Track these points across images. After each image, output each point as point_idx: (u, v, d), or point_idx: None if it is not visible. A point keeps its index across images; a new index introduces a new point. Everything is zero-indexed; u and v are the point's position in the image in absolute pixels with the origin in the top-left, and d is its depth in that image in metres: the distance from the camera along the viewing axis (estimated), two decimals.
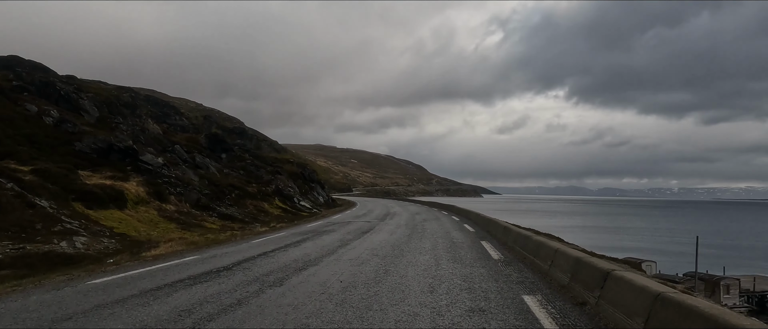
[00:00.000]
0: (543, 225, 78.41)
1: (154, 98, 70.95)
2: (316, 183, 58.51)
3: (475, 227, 17.18)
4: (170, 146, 34.86)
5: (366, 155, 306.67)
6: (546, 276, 7.09)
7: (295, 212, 37.12)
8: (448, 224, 18.59)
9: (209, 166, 35.33)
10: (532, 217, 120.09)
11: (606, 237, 77.22)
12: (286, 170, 53.55)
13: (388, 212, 30.28)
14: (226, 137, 72.06)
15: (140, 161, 26.19)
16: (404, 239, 13.03)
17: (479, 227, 16.82)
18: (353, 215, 28.79)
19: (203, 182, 30.72)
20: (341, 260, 8.95)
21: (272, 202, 37.01)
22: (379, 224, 19.07)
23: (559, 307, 5.32)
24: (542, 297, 5.85)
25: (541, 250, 7.80)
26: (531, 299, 5.75)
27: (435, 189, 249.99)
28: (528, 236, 9.27)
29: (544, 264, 7.31)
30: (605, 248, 69.00)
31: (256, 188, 36.61)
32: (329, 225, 19.29)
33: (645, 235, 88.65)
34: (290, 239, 13.53)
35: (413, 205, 46.37)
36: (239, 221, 26.95)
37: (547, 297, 5.89)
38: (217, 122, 77.09)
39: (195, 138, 40.57)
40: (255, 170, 41.54)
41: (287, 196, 39.81)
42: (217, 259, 9.48)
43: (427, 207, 39.83)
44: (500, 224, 13.21)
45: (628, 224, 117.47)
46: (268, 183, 38.79)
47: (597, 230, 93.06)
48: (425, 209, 36.28)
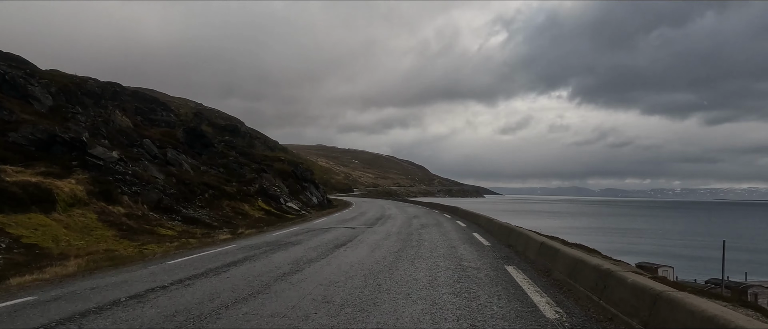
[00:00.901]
0: (548, 227, 73.97)
1: (141, 94, 67.16)
2: (309, 183, 54.40)
3: (488, 237, 12.88)
4: (139, 140, 30.80)
5: (367, 156, 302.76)
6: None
7: (279, 214, 33.01)
8: (452, 233, 14.38)
9: (182, 163, 31.26)
10: (536, 218, 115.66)
11: (615, 240, 72.81)
12: (276, 169, 49.50)
13: (382, 215, 26.13)
14: (217, 134, 68.18)
15: (89, 156, 22.10)
16: (390, 258, 8.85)
17: (495, 238, 12.62)
18: (340, 218, 24.67)
19: (170, 180, 26.63)
20: (253, 317, 4.78)
21: (254, 203, 32.90)
22: (364, 233, 14.92)
23: None
24: None
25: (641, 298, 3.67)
26: None
27: (437, 190, 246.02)
28: (597, 265, 5.09)
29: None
30: (616, 251, 64.62)
31: (236, 188, 32.51)
32: (301, 234, 15.14)
33: (653, 237, 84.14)
34: (227, 258, 9.41)
35: (412, 206, 42.19)
36: (205, 225, 22.84)
37: None
38: (208, 119, 73.16)
39: (172, 133, 36.57)
40: (238, 168, 37.47)
41: (272, 196, 35.70)
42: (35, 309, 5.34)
43: (428, 209, 35.61)
44: (530, 236, 8.99)
45: (635, 226, 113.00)
46: (251, 182, 34.71)
47: (604, 233, 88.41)
48: (425, 211, 32.06)
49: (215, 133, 67.70)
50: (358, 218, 24.66)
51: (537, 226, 64.53)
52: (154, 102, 65.88)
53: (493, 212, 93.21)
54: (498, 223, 14.00)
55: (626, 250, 62.85)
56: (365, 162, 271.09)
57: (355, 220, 22.53)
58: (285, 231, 16.57)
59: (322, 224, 19.74)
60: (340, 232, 15.38)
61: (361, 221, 21.65)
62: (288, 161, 53.67)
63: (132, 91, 66.77)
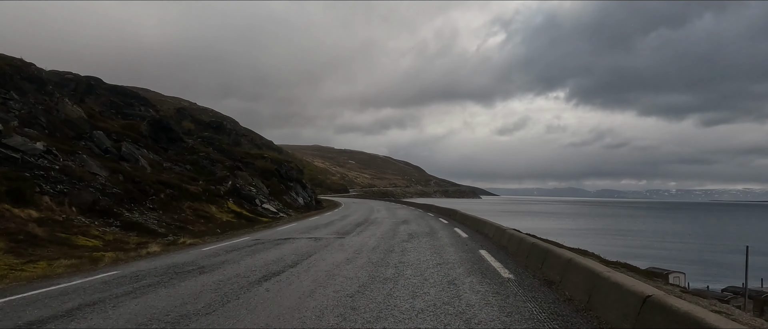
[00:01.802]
0: (547, 228, 69.91)
1: (122, 89, 62.80)
2: (295, 182, 50.13)
3: (506, 261, 8.27)
4: (89, 131, 26.50)
5: (364, 156, 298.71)
6: None
7: (251, 217, 28.75)
8: (449, 251, 10.08)
9: (139, 158, 26.95)
10: (533, 219, 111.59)
11: (617, 243, 68.63)
12: (258, 167, 45.24)
13: (366, 220, 21.93)
14: (202, 131, 63.70)
15: (1, 146, 17.81)
16: (333, 314, 4.59)
17: (517, 262, 7.97)
18: (315, 224, 20.43)
19: (115, 178, 22.33)
20: None
21: (223, 204, 28.63)
22: (327, 248, 10.73)
23: None
24: None
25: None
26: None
27: (433, 190, 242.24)
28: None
29: None
30: (622, 255, 60.47)
31: (203, 187, 28.22)
32: (243, 249, 10.93)
33: (654, 239, 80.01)
34: (62, 303, 5.16)
35: (404, 208, 37.94)
36: (149, 232, 18.55)
37: None
38: (192, 115, 68.80)
39: (135, 125, 32.29)
40: (210, 165, 33.18)
41: (247, 197, 31.43)
42: None
43: (421, 212, 31.34)
44: (595, 271, 4.67)
45: (636, 227, 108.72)
46: (222, 181, 30.44)
47: (605, 235, 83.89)
48: (417, 214, 27.79)
49: (199, 130, 63.37)
50: (336, 223, 20.44)
51: (536, 228, 60.00)
52: (134, 97, 61.61)
53: (494, 215, 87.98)
54: (517, 236, 9.71)
55: (632, 254, 58.72)
56: (362, 163, 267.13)
57: (331, 226, 18.31)
58: (225, 244, 12.29)
59: (285, 233, 15.50)
60: (297, 246, 11.14)
61: (338, 227, 17.44)
62: (272, 158, 49.41)
63: (111, 86, 62.44)
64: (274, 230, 17.31)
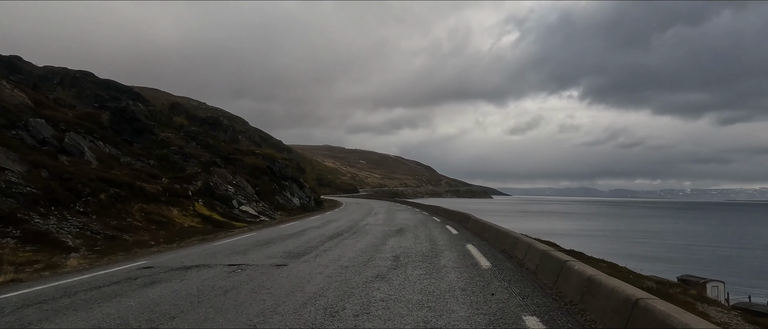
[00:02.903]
0: (564, 230, 63.65)
1: (113, 84, 58.73)
2: (290, 181, 45.24)
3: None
4: (23, 120, 21.86)
5: (374, 156, 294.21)
6: None
7: (223, 221, 23.85)
8: (459, 312, 4.81)
9: (84, 151, 22.20)
10: (549, 220, 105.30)
11: (640, 246, 62.29)
12: (248, 164, 40.45)
13: (351, 227, 16.82)
14: (196, 126, 59.34)
15: None
16: None
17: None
18: (283, 232, 15.38)
19: (37, 173, 17.55)
20: None
21: (189, 207, 23.77)
22: (234, 291, 5.65)
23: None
24: None
25: None
26: None
27: (444, 190, 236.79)
28: None
29: None
30: (646, 258, 54.64)
31: (164, 186, 23.38)
32: (121, 277, 5.80)
33: (676, 241, 73.33)
34: None
35: (407, 211, 32.69)
36: (55, 246, 13.67)
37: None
38: (186, 110, 64.44)
39: (95, 115, 27.66)
40: (181, 160, 28.39)
41: (222, 197, 26.54)
42: None
43: (426, 216, 26.03)
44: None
45: (654, 228, 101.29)
46: (192, 179, 25.60)
47: (625, 237, 76.98)
48: (420, 219, 22.45)
49: (193, 125, 58.96)
50: (309, 231, 15.36)
51: (552, 229, 53.86)
52: (125, 92, 57.47)
53: (510, 217, 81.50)
54: (585, 273, 4.43)
55: (657, 258, 52.67)
56: (372, 163, 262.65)
57: (296, 238, 13.22)
58: (65, 282, 7.23)
59: (220, 250, 10.48)
60: (174, 290, 6.06)
61: (302, 241, 12.35)
62: (265, 155, 44.56)
63: (102, 80, 58.46)
64: (212, 244, 12.25)
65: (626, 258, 53.33)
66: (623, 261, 13.84)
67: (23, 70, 53.83)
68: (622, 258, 48.85)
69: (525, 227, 75.14)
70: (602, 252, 44.75)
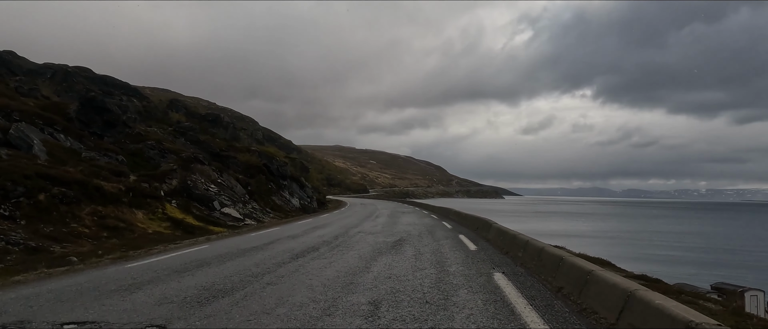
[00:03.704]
0: (579, 231, 59.19)
1: (110, 80, 55.89)
2: (289, 180, 41.69)
3: None
4: None
5: (385, 156, 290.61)
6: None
7: (199, 225, 20.26)
8: None
9: (33, 144, 18.79)
10: (563, 221, 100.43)
11: (663, 249, 57.42)
12: (241, 162, 36.99)
13: (338, 236, 13.06)
14: (196, 123, 56.27)
15: None
16: None
17: None
18: (245, 244, 11.66)
19: None
20: None
21: (158, 209, 20.22)
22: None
23: None
24: None
25: None
26: None
27: (455, 190, 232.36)
28: None
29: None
30: (667, 261, 49.67)
31: (129, 185, 19.87)
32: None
33: (696, 242, 67.98)
34: None
35: (414, 214, 28.76)
36: None
37: None
38: (186, 107, 61.32)
39: (61, 105, 24.35)
40: (158, 155, 24.94)
41: (201, 198, 22.98)
42: None
43: (435, 220, 22.05)
44: None
45: (672, 229, 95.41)
46: (165, 177, 22.10)
47: (643, 239, 71.53)
48: (427, 225, 18.47)
49: (193, 122, 55.80)
50: (285, 241, 11.64)
51: (570, 230, 49.11)
52: (121, 88, 54.59)
53: (523, 217, 76.20)
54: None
55: (683, 261, 48.05)
56: (383, 163, 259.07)
57: (264, 250, 9.56)
58: None
59: (119, 276, 6.80)
60: None
61: (265, 256, 8.71)
62: (262, 152, 41.03)
63: (99, 76, 55.73)
64: (123, 266, 8.54)
65: (651, 262, 48.65)
66: (649, 267, 10.61)
67: (13, 64, 51.14)
68: (647, 263, 44.27)
69: (541, 229, 70.86)
70: (627, 257, 39.23)
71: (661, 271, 41.30)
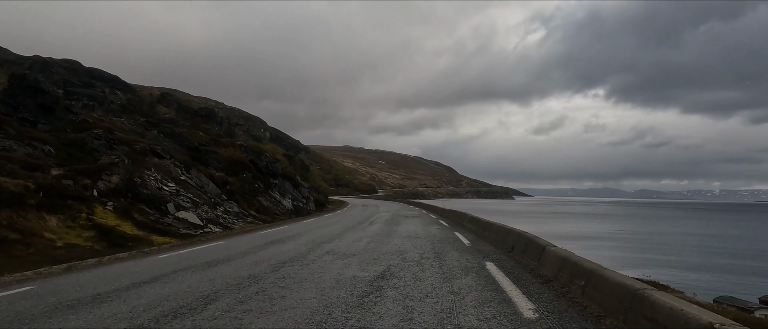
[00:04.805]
0: (596, 232, 53.34)
1: (99, 73, 51.69)
2: (280, 179, 36.76)
3: None
4: None
5: (394, 157, 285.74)
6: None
7: (136, 236, 15.29)
8: None
9: None
10: (578, 222, 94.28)
11: (690, 254, 51.28)
12: (223, 157, 32.16)
13: (293, 260, 7.95)
14: (188, 119, 51.86)
15: None
16: None
17: None
18: (163, 264, 6.56)
19: None
20: None
21: (83, 213, 15.30)
22: None
23: None
24: None
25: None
26: None
27: (465, 191, 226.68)
28: None
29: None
30: (699, 268, 44.22)
31: (41, 183, 15.01)
32: None
33: (724, 244, 61.49)
34: None
35: (419, 218, 23.48)
36: None
37: None
38: (178, 101, 56.83)
39: None
40: (105, 147, 20.13)
41: (152, 199, 18.08)
42: None
43: (446, 229, 16.75)
44: None
45: (694, 231, 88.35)
46: (102, 172, 17.26)
47: (666, 242, 64.75)
48: (435, 237, 13.10)
49: (186, 117, 51.33)
50: (189, 273, 6.56)
51: (587, 232, 42.76)
52: (106, 80, 50.40)
53: (538, 218, 69.18)
54: None
55: (713, 267, 42.16)
56: (392, 163, 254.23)
57: (114, 301, 4.49)
58: None
59: None
60: None
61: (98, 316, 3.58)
62: (249, 148, 36.13)
63: (87, 69, 51.57)
64: None
65: (683, 269, 42.39)
66: (682, 275, 6.14)
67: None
68: (678, 270, 37.97)
69: (557, 231, 64.65)
70: (660, 264, 31.55)
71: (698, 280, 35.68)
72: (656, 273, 27.27)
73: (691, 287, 26.26)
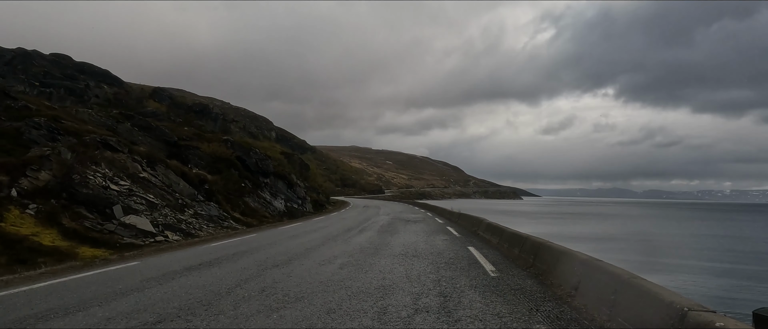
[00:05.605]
0: (610, 234, 49.04)
1: (88, 66, 48.62)
2: (272, 177, 33.18)
3: None
4: None
5: (401, 157, 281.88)
6: None
7: (56, 248, 11.66)
8: None
9: None
10: (592, 223, 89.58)
11: (719, 257, 46.49)
12: (205, 153, 28.69)
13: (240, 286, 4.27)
14: (181, 115, 48.62)
15: None
16: None
17: None
18: None
19: None
20: None
21: None
22: None
23: None
24: None
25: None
26: None
27: (472, 191, 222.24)
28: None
29: None
30: (735, 274, 39.85)
31: None
32: None
33: (747, 247, 56.52)
34: None
35: (423, 223, 19.65)
36: None
37: None
38: (171, 97, 53.59)
39: None
40: (46, 137, 16.71)
41: (91, 201, 14.55)
42: None
43: (455, 242, 12.90)
44: None
45: (715, 232, 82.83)
46: (27, 167, 13.82)
47: (694, 244, 59.70)
48: (437, 263, 9.31)
49: (178, 113, 48.06)
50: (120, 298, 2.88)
51: (600, 233, 38.25)
52: (91, 74, 47.34)
53: (553, 219, 64.31)
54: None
55: (748, 275, 37.63)
56: (399, 163, 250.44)
57: None
58: None
59: None
60: None
61: None
62: (235, 143, 32.58)
63: (76, 63, 48.48)
64: None
65: (704, 274, 37.94)
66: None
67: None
68: (699, 275, 33.24)
69: (572, 232, 60.33)
70: (682, 270, 26.52)
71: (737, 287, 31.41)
72: (676, 280, 23.25)
73: (717, 296, 22.20)
